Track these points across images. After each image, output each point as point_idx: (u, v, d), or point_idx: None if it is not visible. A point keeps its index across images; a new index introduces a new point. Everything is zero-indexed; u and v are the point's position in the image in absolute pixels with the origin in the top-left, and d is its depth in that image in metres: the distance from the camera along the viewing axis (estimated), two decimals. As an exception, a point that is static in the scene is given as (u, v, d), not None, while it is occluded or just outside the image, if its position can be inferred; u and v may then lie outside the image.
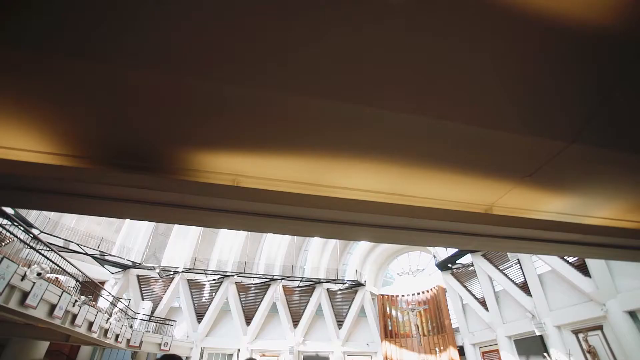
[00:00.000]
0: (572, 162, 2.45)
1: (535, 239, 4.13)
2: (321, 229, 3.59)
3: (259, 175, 2.72)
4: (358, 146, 2.19)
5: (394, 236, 3.70)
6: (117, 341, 14.52)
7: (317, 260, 23.35)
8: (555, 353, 12.56)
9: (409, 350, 19.28)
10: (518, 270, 14.73)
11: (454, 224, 3.66)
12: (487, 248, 4.15)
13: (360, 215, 3.42)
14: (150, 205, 2.60)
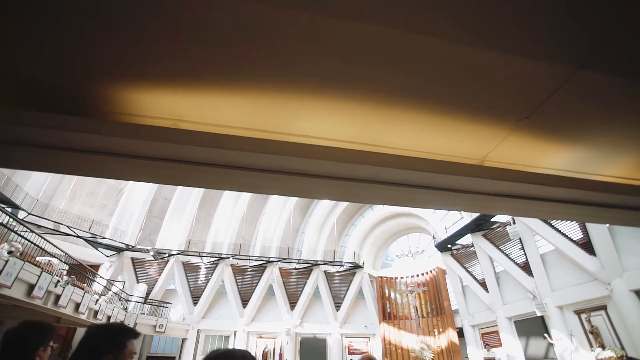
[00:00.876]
0: (578, 98, 2.02)
1: (531, 197, 3.52)
2: (277, 183, 3.00)
3: (202, 120, 2.22)
4: (314, 75, 1.81)
5: (367, 193, 3.12)
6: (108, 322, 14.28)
7: (315, 242, 22.98)
8: (556, 334, 12.15)
9: (408, 332, 19.04)
10: (519, 251, 14.21)
11: (439, 177, 3.06)
12: (477, 208, 3.58)
13: (324, 165, 2.82)
14: (68, 153, 2.09)
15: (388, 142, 2.78)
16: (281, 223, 22.74)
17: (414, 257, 21.48)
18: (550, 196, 3.30)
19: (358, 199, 3.28)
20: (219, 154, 2.54)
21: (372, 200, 3.42)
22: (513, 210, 3.63)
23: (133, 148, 2.39)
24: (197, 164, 2.68)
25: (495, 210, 3.59)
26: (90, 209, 20.07)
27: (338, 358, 18.62)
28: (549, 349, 12.82)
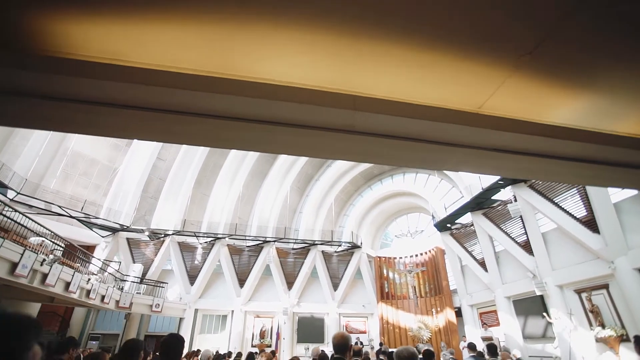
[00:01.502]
0: (595, 25, 1.67)
1: (536, 154, 3.04)
2: (237, 133, 2.55)
3: (145, 60, 1.92)
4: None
5: (342, 146, 2.67)
6: (103, 302, 14.23)
7: (312, 222, 22.71)
8: (555, 313, 11.91)
9: (406, 312, 18.98)
10: (520, 229, 13.83)
11: (429, 126, 2.58)
12: (472, 167, 3.08)
13: (290, 108, 2.39)
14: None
15: (367, 86, 2.29)
16: (278, 203, 22.41)
17: (412, 237, 21.20)
18: (557, 152, 2.82)
19: (330, 154, 2.82)
20: (166, 95, 2.09)
21: (347, 155, 2.92)
22: (516, 171, 3.13)
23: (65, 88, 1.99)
24: (142, 109, 2.23)
25: (493, 170, 3.10)
26: (84, 189, 19.78)
27: (335, 337, 18.61)
28: (547, 328, 12.62)
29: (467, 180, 15.77)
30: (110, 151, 20.75)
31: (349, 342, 2.85)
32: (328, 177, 22.62)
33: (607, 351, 10.59)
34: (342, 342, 2.83)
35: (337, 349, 2.84)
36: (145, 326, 18.64)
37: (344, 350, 2.81)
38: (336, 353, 2.84)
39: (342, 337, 2.87)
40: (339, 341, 2.85)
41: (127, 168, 20.32)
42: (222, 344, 18.00)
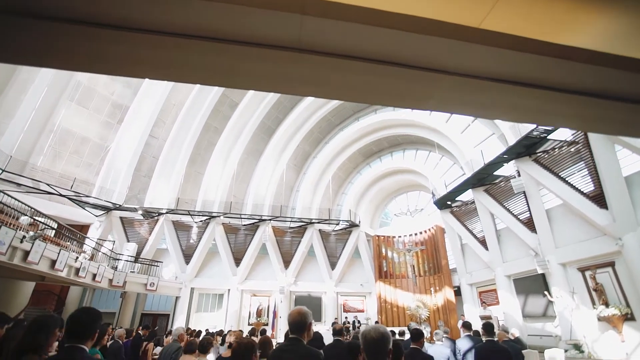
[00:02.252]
0: None
1: (536, 85, 2.40)
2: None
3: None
4: None
5: (280, 73, 2.06)
6: (94, 280, 13.98)
7: (309, 201, 22.25)
8: (557, 291, 11.48)
9: (404, 291, 18.73)
10: (523, 206, 13.25)
11: (410, 42, 1.96)
12: (458, 105, 2.44)
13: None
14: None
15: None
16: (274, 181, 21.89)
17: (412, 216, 20.73)
18: (565, 82, 2.19)
19: (262, 84, 2.20)
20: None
21: (290, 86, 2.27)
22: (507, 108, 2.45)
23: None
24: (151, 33, 1.77)
25: (481, 109, 2.46)
26: (76, 168, 19.31)
27: (333, 316, 18.49)
28: (548, 306, 12.25)
29: (469, 155, 15.10)
30: (102, 129, 20.15)
31: (307, 319, 2.33)
32: (325, 154, 21.97)
33: (609, 330, 10.21)
34: (298, 319, 2.32)
35: (292, 327, 2.33)
36: (142, 305, 18.58)
37: (300, 328, 2.30)
38: (291, 332, 2.34)
39: (299, 313, 2.36)
40: (295, 318, 2.34)
41: (119, 146, 19.79)
42: (219, 322, 17.94)
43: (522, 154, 12.21)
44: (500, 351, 4.61)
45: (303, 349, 2.22)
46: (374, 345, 1.86)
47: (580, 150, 10.74)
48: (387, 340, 1.88)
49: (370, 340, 1.88)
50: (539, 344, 12.19)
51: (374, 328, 1.94)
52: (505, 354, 4.56)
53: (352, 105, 22.13)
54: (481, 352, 4.75)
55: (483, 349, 4.75)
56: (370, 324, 15.87)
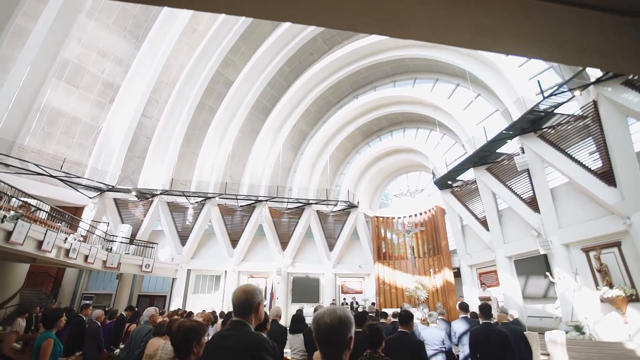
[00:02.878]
0: None
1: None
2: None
3: None
4: None
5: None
6: (87, 262, 13.75)
7: (307, 181, 21.78)
8: (559, 272, 11.11)
9: (403, 272, 18.49)
10: (526, 185, 12.72)
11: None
12: (456, 31, 1.92)
13: None
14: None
15: None
16: (271, 161, 21.38)
17: (412, 197, 20.29)
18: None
19: None
20: None
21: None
22: (524, 37, 1.91)
23: None
24: None
25: (486, 37, 1.94)
26: (67, 149, 18.90)
27: (331, 297, 18.36)
28: (549, 288, 11.92)
29: (471, 133, 14.49)
30: (93, 109, 19.58)
31: (254, 298, 1.87)
32: (323, 133, 21.32)
33: (612, 312, 9.89)
34: (242, 299, 1.86)
35: (236, 308, 1.86)
36: (139, 286, 18.49)
37: (245, 310, 1.84)
38: (235, 315, 1.87)
39: (244, 292, 1.89)
40: (239, 298, 1.86)
41: (111, 126, 19.28)
42: (216, 303, 17.86)
43: (526, 129, 11.60)
44: (497, 335, 4.21)
45: (246, 334, 1.75)
46: (328, 333, 1.39)
47: (589, 125, 10.12)
48: (346, 326, 1.40)
49: (323, 327, 1.40)
50: (538, 326, 11.94)
51: (330, 311, 1.44)
52: (502, 338, 4.15)
53: (350, 82, 21.35)
54: (476, 335, 4.36)
55: (478, 333, 4.36)
56: (367, 305, 15.70)
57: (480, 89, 16.23)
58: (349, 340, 1.38)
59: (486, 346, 4.21)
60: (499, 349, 4.09)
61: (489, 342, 4.19)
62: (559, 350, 8.00)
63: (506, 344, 4.10)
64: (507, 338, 4.13)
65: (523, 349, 5.09)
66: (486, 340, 4.23)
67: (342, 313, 1.41)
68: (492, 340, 4.16)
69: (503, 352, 4.07)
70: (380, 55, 18.92)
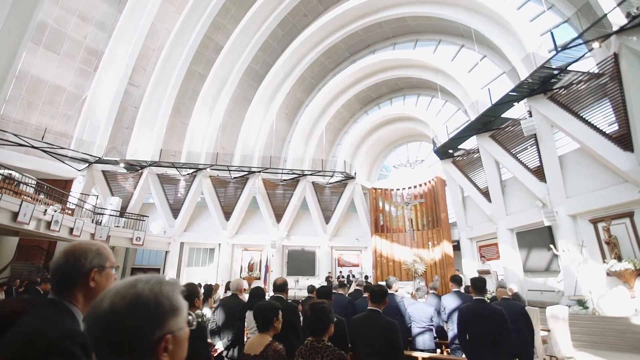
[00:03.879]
0: None
1: None
2: None
3: None
4: None
5: None
6: (72, 234, 13.35)
7: (302, 152, 20.91)
8: (564, 245, 10.42)
9: (401, 245, 17.98)
10: (533, 153, 11.79)
11: None
12: None
13: None
14: None
15: None
16: (264, 131, 20.44)
17: (412, 167, 19.45)
18: None
19: None
20: None
21: None
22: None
23: None
24: None
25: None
26: (52, 119, 18.09)
27: (327, 270, 18.00)
28: (552, 261, 11.29)
29: (475, 96, 13.41)
30: (76, 77, 18.57)
31: (82, 263, 1.14)
32: (319, 100, 20.13)
33: (619, 285, 9.27)
34: (60, 263, 1.13)
35: (53, 282, 1.13)
36: (132, 259, 18.27)
37: (63, 282, 1.12)
38: (52, 293, 1.14)
39: (65, 254, 1.16)
40: (56, 262, 1.15)
41: (96, 95, 18.34)
42: (211, 276, 17.62)
43: (535, 91, 10.55)
44: (490, 315, 3.52)
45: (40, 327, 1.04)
46: None
47: (607, 84, 9.07)
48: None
49: None
50: (539, 300, 11.43)
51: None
52: (496, 317, 3.46)
53: (347, 46, 19.94)
54: (465, 314, 3.67)
55: (468, 311, 3.66)
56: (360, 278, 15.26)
57: (486, 49, 14.95)
58: None
59: (477, 327, 3.54)
60: (493, 330, 3.42)
61: (480, 323, 3.52)
62: (561, 325, 7.43)
63: (501, 325, 3.43)
64: (502, 317, 3.45)
65: (524, 328, 4.43)
66: (477, 320, 3.55)
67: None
68: (485, 321, 3.49)
69: (497, 333, 3.40)
70: (379, 14, 17.43)
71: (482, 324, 3.49)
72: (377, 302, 3.31)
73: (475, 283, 3.83)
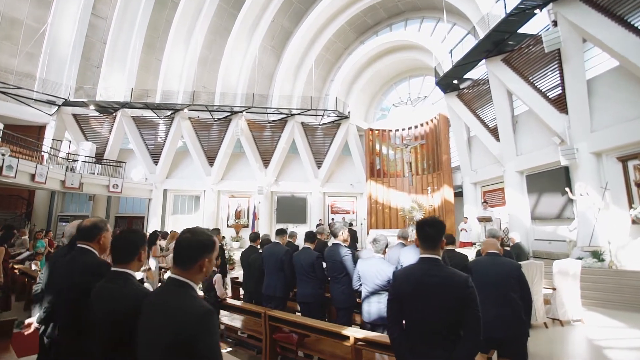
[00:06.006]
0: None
1: None
2: None
3: None
4: None
5: None
6: (34, 181, 12.33)
7: (290, 89, 18.81)
8: (582, 188, 8.73)
9: (398, 191, 16.56)
10: (554, 79, 9.62)
11: None
12: None
13: None
14: None
15: None
16: (247, 66, 18.21)
17: (413, 105, 17.31)
18: None
19: None
20: None
21: None
22: None
23: None
24: None
25: None
26: (12, 58, 16.28)
27: (319, 217, 16.94)
28: (565, 207, 9.70)
29: (485, 8, 10.89)
30: (34, 8, 16.33)
31: None
32: (307, 27, 17.44)
33: (644, 235, 7.74)
34: None
35: None
36: (115, 208, 17.52)
37: None
38: None
39: None
40: None
41: (57, 28, 16.26)
42: (196, 224, 16.84)
43: (565, -8, 8.12)
44: (441, 284, 1.93)
45: None
46: None
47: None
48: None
49: None
50: (546, 250, 10.06)
51: None
52: (454, 289, 1.93)
53: (340, -42, 16.76)
54: (402, 283, 2.08)
55: (406, 278, 2.11)
56: (341, 224, 14.08)
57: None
58: None
59: (417, 305, 2.02)
60: (445, 311, 1.91)
61: (421, 299, 1.99)
62: (570, 283, 6.06)
63: (464, 302, 1.87)
64: (465, 292, 1.89)
65: (517, 297, 2.93)
66: (417, 294, 2.02)
67: None
68: (431, 296, 1.95)
69: (453, 313, 1.89)
70: None
71: (426, 301, 1.94)
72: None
73: (422, 229, 2.15)
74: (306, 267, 4.12)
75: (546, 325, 5.63)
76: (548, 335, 5.38)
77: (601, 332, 5.51)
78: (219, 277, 4.16)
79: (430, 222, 2.03)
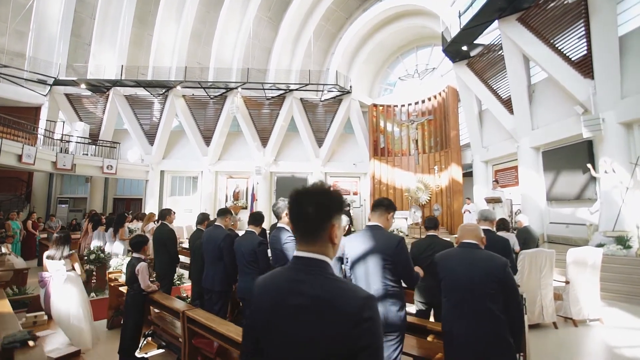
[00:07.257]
0: None
1: None
2: None
3: None
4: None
5: None
6: (22, 162, 11.97)
7: (287, 63, 17.71)
8: (607, 164, 7.59)
9: (404, 170, 15.57)
10: (580, 39, 8.30)
11: None
12: None
13: None
14: None
15: None
16: (242, 39, 17.14)
17: (421, 78, 16.00)
18: None
19: None
20: None
21: None
22: None
23: None
24: None
25: None
26: (2, 37, 15.77)
27: (321, 198, 16.15)
28: (587, 186, 8.58)
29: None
30: (19, -18, 15.64)
31: None
32: (305, -4, 16.18)
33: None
34: None
35: None
36: (113, 189, 17.24)
37: None
38: None
39: None
40: None
41: (45, 3, 15.57)
42: (194, 205, 16.44)
43: None
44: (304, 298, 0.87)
45: None
46: None
47: None
48: None
49: None
50: (562, 235, 9.03)
51: None
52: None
53: None
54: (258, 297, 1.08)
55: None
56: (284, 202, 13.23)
57: None
58: None
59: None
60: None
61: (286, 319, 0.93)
62: (588, 275, 5.11)
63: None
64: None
65: (497, 308, 2.02)
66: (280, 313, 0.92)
67: None
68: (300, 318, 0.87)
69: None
70: None
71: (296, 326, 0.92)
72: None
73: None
74: (247, 256, 3.38)
75: (556, 325, 4.76)
76: (558, 337, 4.51)
77: (624, 334, 4.61)
78: (143, 267, 3.47)
79: (310, 192, 1.09)
